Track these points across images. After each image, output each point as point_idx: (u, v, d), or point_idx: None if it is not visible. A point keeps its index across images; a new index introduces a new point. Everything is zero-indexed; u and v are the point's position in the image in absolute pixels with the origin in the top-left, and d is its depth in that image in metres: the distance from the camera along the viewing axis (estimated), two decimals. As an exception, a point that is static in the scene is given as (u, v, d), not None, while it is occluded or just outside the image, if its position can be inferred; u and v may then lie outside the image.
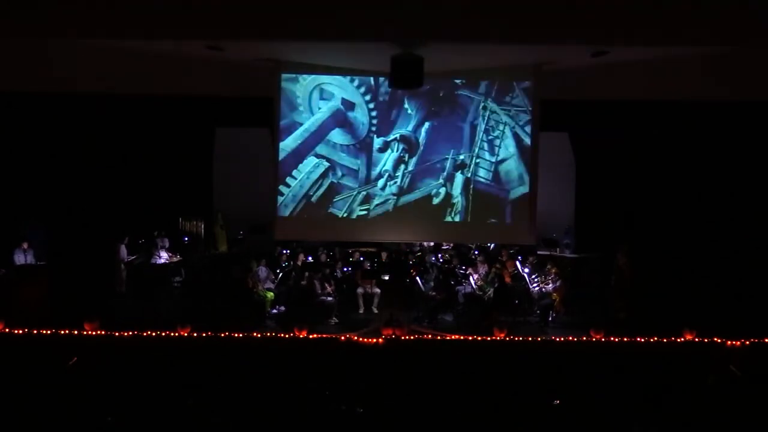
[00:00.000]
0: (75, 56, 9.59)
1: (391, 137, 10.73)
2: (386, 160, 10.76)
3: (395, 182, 10.78)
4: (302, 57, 10.14)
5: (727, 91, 9.97)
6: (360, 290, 10.93)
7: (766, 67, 9.46)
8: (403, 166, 10.76)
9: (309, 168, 10.77)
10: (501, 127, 10.68)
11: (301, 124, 10.69)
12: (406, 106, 10.65)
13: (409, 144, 10.73)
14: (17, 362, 8.17)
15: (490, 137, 10.70)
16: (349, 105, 10.70)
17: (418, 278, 10.69)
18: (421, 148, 10.74)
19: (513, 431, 6.45)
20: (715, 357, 8.63)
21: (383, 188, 10.81)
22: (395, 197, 10.81)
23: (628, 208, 11.62)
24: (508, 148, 10.69)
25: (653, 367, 8.36)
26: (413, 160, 10.75)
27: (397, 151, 10.75)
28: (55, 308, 9.94)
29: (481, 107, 10.67)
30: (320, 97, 10.68)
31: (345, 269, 11.18)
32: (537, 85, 10.38)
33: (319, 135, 10.73)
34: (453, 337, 9.15)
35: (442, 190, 10.78)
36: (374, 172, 10.79)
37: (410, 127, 10.71)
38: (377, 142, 10.74)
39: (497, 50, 9.31)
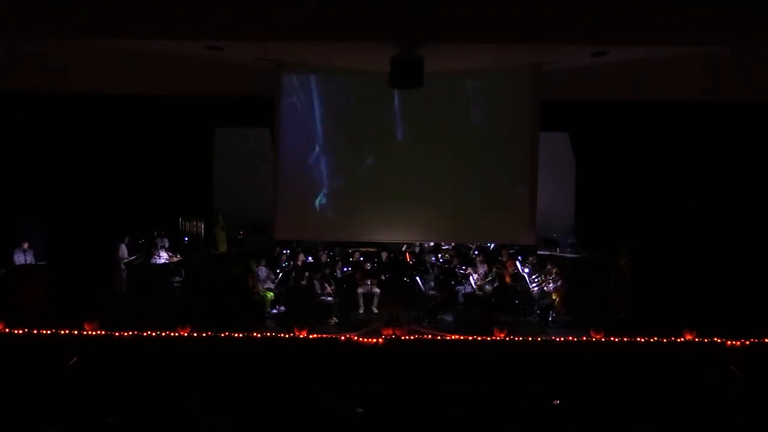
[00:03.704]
0: (74, 56, 9.58)
1: (392, 137, 10.70)
2: (387, 161, 10.73)
3: (396, 182, 10.75)
4: (302, 57, 10.13)
5: (727, 91, 9.96)
6: (360, 290, 10.93)
7: (766, 67, 9.46)
8: (403, 166, 10.73)
9: (310, 168, 10.75)
10: (501, 126, 10.65)
11: (302, 124, 10.67)
12: (406, 105, 10.62)
13: (409, 144, 10.70)
14: (17, 362, 8.18)
15: (489, 137, 10.67)
16: (351, 105, 10.68)
17: (418, 278, 10.69)
18: (422, 147, 10.70)
19: (513, 431, 6.45)
20: (715, 357, 8.63)
21: (384, 188, 10.78)
22: (395, 197, 10.78)
23: (629, 208, 11.62)
24: (507, 147, 10.66)
25: (653, 367, 8.37)
26: (414, 160, 10.72)
27: (398, 151, 10.71)
28: (55, 308, 9.93)
29: (480, 106, 10.65)
30: (322, 97, 10.66)
31: (345, 269, 11.17)
32: (537, 85, 10.36)
33: (320, 135, 10.72)
34: (453, 337, 9.15)
35: (442, 189, 10.73)
36: (375, 172, 10.76)
37: (410, 126, 10.67)
38: (377, 143, 10.71)
39: (497, 50, 9.30)
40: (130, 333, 8.80)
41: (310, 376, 7.87)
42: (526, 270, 10.91)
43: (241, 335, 8.92)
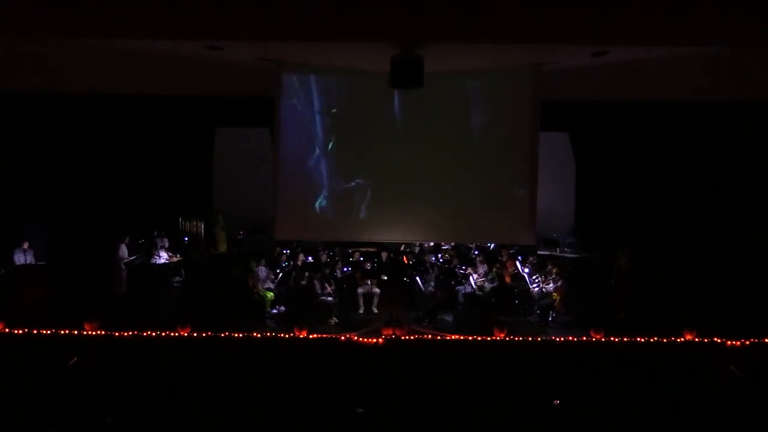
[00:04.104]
0: (74, 56, 9.58)
1: (393, 137, 10.68)
2: (387, 161, 10.73)
3: (396, 182, 10.74)
4: (302, 57, 10.13)
5: (727, 91, 9.96)
6: (360, 290, 10.93)
7: (766, 67, 9.46)
8: (403, 166, 10.71)
9: (310, 168, 10.75)
10: (501, 126, 10.64)
11: (302, 124, 10.66)
12: (406, 105, 10.61)
13: (409, 144, 10.69)
14: (17, 362, 8.18)
15: (489, 137, 10.66)
16: (351, 105, 10.67)
17: (418, 278, 10.68)
18: (422, 147, 10.69)
19: (513, 431, 6.45)
20: (715, 357, 8.63)
21: (384, 188, 10.77)
22: (395, 197, 10.77)
23: (629, 208, 11.61)
24: (508, 147, 10.65)
25: (653, 367, 8.37)
26: (414, 160, 10.70)
27: (398, 151, 10.70)
28: (55, 308, 9.93)
29: (480, 106, 10.65)
30: (322, 97, 10.65)
31: (345, 269, 11.17)
32: (537, 85, 10.36)
33: (320, 135, 10.71)
34: (453, 337, 9.15)
35: (442, 189, 10.73)
36: (375, 172, 10.76)
37: (410, 126, 10.67)
38: (377, 143, 10.70)
39: (497, 50, 9.30)
40: (130, 333, 8.80)
41: (310, 376, 7.87)
42: (526, 270, 10.90)
43: (241, 335, 8.92)
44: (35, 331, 8.82)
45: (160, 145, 12.00)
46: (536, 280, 10.75)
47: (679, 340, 8.89)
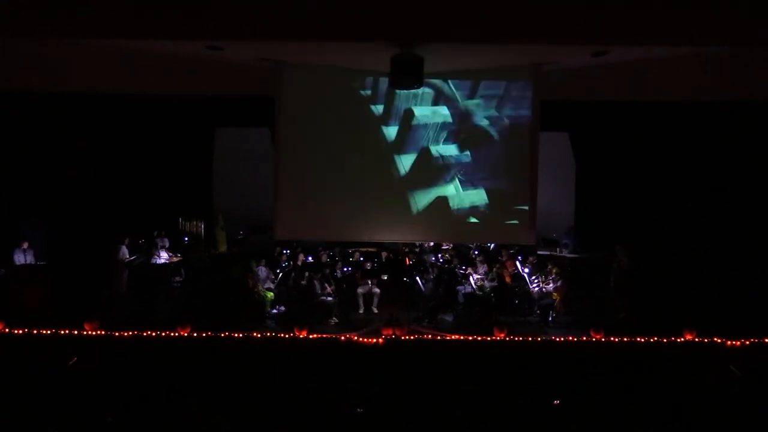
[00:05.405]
0: (74, 56, 9.58)
1: (393, 137, 10.69)
2: (387, 160, 10.74)
3: (396, 182, 10.74)
4: (302, 57, 10.13)
5: (727, 91, 9.96)
6: (360, 290, 10.93)
7: (766, 67, 9.46)
8: (404, 166, 10.74)
9: (310, 168, 10.75)
10: (500, 126, 10.65)
11: (302, 124, 10.66)
12: (406, 105, 10.63)
13: (411, 143, 10.71)
14: (17, 362, 8.19)
15: (489, 136, 10.67)
16: (351, 105, 10.68)
17: (418, 278, 10.68)
18: (425, 147, 10.70)
19: (513, 431, 6.45)
20: (715, 357, 8.63)
21: (384, 188, 10.77)
22: (395, 197, 10.77)
23: (628, 208, 11.61)
24: (508, 147, 10.66)
25: (653, 367, 8.37)
26: (418, 161, 10.72)
27: (404, 152, 10.71)
28: (55, 308, 9.94)
29: (480, 107, 10.65)
30: (322, 97, 10.65)
31: (345, 269, 11.17)
32: (537, 85, 10.36)
33: (320, 135, 10.70)
34: (453, 337, 9.15)
35: (443, 190, 10.74)
36: (375, 172, 10.76)
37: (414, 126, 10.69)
38: (378, 142, 10.70)
39: (497, 50, 9.30)
40: (130, 333, 8.80)
41: (310, 376, 7.87)
42: (526, 270, 10.90)
43: (241, 335, 8.92)
44: (35, 331, 8.82)
45: (160, 145, 12.01)
46: (536, 280, 10.76)
47: (679, 340, 8.90)
